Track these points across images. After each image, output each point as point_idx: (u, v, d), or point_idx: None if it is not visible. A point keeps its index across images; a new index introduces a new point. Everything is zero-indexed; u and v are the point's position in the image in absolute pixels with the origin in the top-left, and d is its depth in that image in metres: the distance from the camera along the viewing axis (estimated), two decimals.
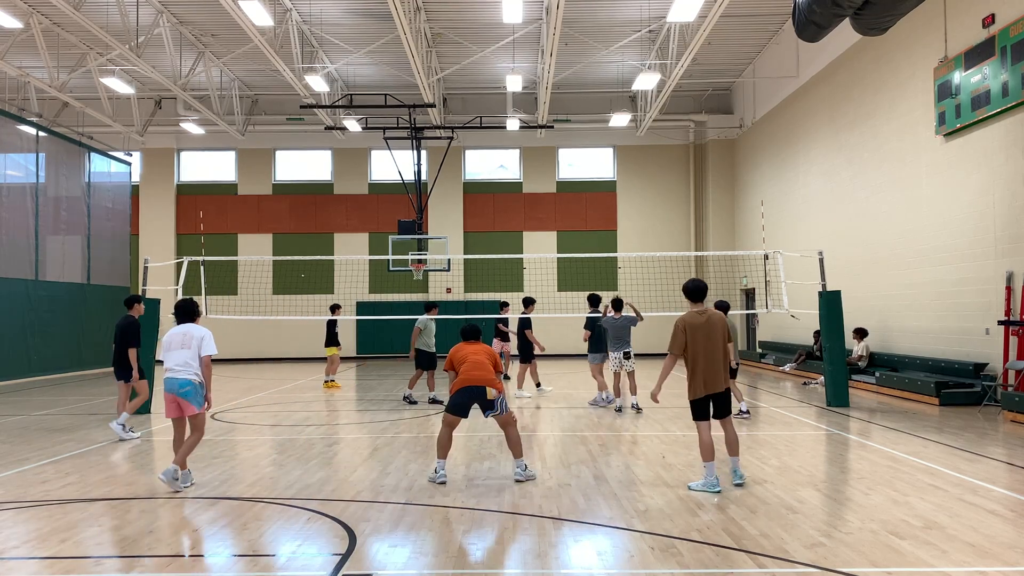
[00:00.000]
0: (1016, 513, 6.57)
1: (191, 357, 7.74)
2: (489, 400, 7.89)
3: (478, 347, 8.28)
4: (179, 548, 5.95)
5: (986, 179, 13.90)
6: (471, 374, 7.94)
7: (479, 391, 7.88)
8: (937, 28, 15.25)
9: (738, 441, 7.80)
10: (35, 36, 20.38)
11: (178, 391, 7.71)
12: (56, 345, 22.23)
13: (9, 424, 12.70)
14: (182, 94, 23.46)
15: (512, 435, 8.04)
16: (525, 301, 16.60)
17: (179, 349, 7.76)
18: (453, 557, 5.55)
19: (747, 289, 26.63)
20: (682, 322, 7.56)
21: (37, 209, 21.97)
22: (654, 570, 5.21)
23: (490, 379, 7.94)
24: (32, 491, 7.70)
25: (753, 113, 26.64)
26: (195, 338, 7.80)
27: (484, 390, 7.87)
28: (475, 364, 8.01)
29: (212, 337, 7.91)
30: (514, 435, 8.04)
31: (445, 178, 28.32)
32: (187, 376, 7.70)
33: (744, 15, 21.31)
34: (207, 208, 30.09)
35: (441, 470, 7.96)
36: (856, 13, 10.19)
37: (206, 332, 7.89)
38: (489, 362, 8.09)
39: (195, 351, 7.76)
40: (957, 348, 14.70)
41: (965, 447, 9.63)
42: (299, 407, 14.66)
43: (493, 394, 7.89)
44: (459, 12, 21.19)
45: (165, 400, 7.87)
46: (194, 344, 7.77)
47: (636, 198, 30.23)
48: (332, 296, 27.31)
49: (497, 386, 7.97)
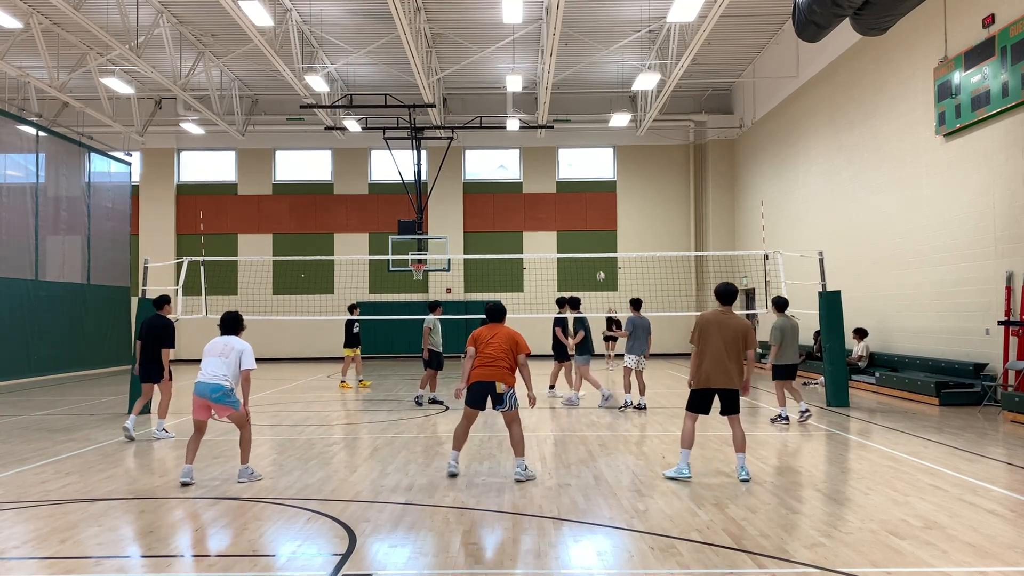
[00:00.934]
0: (1016, 513, 6.57)
1: (226, 367, 7.93)
2: (498, 394, 7.97)
3: (498, 332, 8.21)
4: (179, 548, 5.95)
5: (986, 179, 13.90)
6: (482, 369, 8.02)
7: (489, 385, 7.97)
8: (937, 28, 15.25)
9: (745, 439, 8.01)
10: (35, 36, 20.38)
11: (210, 396, 7.86)
12: (56, 345, 22.22)
13: (9, 424, 12.70)
14: (182, 94, 23.46)
15: (515, 433, 8.05)
16: (559, 301, 15.71)
17: (217, 357, 7.98)
18: (453, 557, 5.55)
19: (747, 289, 26.62)
20: (702, 317, 8.06)
21: (37, 209, 21.97)
22: (654, 570, 5.21)
23: (501, 374, 7.98)
24: (32, 491, 7.70)
25: (753, 113, 26.64)
26: (235, 350, 8.00)
27: (494, 384, 7.95)
28: (488, 357, 8.04)
29: (252, 352, 8.07)
30: (517, 433, 8.05)
31: (445, 178, 28.33)
32: (219, 382, 7.87)
33: (744, 15, 21.31)
34: (207, 208, 30.10)
35: (454, 462, 8.14)
36: (856, 13, 10.19)
37: (246, 346, 8.08)
38: (505, 351, 8.04)
39: (233, 362, 7.95)
40: (957, 348, 14.70)
41: (965, 447, 9.63)
42: (299, 407, 14.65)
43: (502, 388, 7.97)
44: (459, 12, 21.19)
45: (194, 403, 7.98)
46: (233, 356, 7.97)
47: (636, 198, 30.23)
48: (332, 296, 27.33)
49: (508, 380, 8.01)
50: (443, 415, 13.21)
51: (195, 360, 30.32)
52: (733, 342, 7.81)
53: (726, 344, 7.79)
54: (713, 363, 7.76)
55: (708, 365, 7.79)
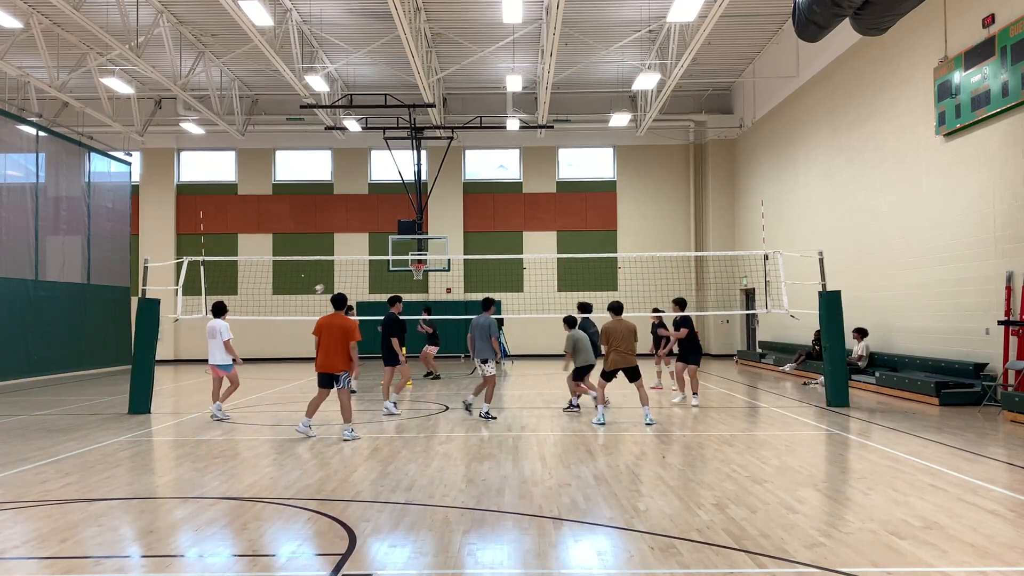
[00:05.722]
0: (1016, 513, 6.57)
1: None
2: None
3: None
4: (179, 548, 5.94)
5: (986, 179, 13.90)
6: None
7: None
8: (937, 28, 15.25)
9: (648, 397, 12.04)
10: (35, 36, 20.38)
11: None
12: (56, 345, 22.22)
13: (9, 424, 12.70)
14: (182, 94, 23.46)
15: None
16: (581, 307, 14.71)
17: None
18: (453, 557, 5.55)
19: (747, 289, 26.62)
20: (607, 325, 12.08)
21: (37, 209, 21.96)
22: (654, 570, 5.21)
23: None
24: (32, 491, 7.70)
25: (753, 113, 26.64)
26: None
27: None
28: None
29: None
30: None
31: (445, 178, 28.34)
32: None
33: (744, 15, 21.31)
34: (207, 208, 30.10)
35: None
36: (856, 13, 10.18)
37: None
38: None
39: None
40: (957, 348, 14.70)
41: (965, 447, 9.63)
42: (299, 407, 14.64)
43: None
44: (459, 12, 21.19)
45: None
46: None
47: (636, 198, 30.23)
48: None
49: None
50: (443, 415, 13.22)
51: (195, 360, 30.19)
52: (628, 338, 11.87)
53: (623, 340, 11.84)
54: (617, 353, 11.80)
55: (614, 355, 11.80)
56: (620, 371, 11.95)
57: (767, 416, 12.93)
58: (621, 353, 11.86)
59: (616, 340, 11.89)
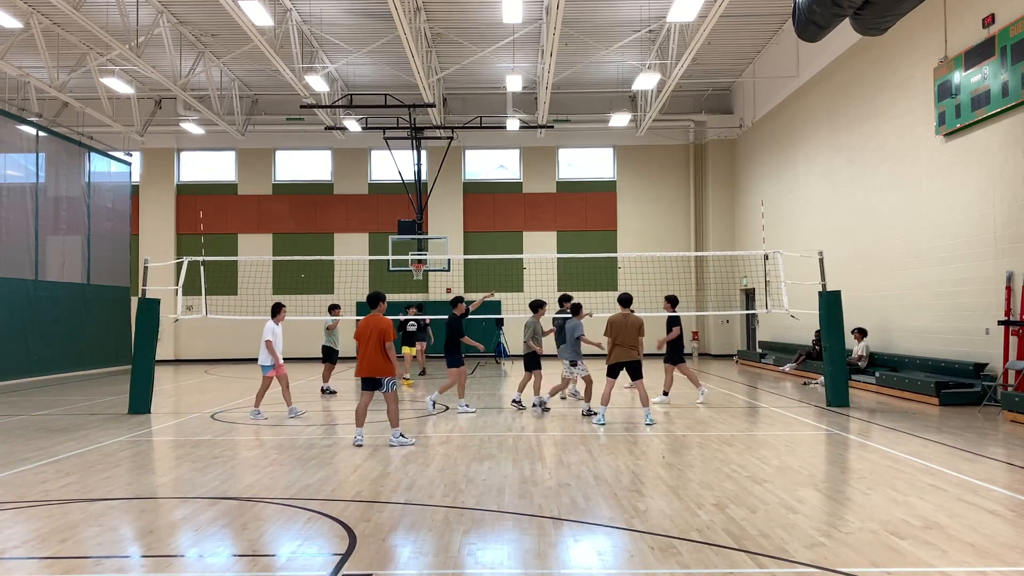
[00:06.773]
0: (1016, 513, 6.57)
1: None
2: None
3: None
4: (179, 548, 5.94)
5: (986, 179, 13.90)
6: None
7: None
8: (937, 28, 15.25)
9: (648, 398, 11.94)
10: (35, 36, 20.38)
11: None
12: (56, 345, 22.22)
13: (9, 424, 12.70)
14: (182, 94, 23.46)
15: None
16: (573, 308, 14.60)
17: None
18: (453, 557, 5.55)
19: (747, 289, 26.62)
20: (611, 318, 11.84)
21: (37, 209, 21.97)
22: (654, 570, 5.21)
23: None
24: (32, 491, 7.70)
25: (753, 113, 26.64)
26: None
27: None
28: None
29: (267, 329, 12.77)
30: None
31: (445, 178, 28.33)
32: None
33: (744, 15, 21.31)
34: (207, 208, 30.10)
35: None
36: (856, 13, 10.18)
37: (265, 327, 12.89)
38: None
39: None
40: (957, 348, 14.70)
41: (965, 447, 9.63)
42: (299, 407, 14.64)
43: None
44: (459, 12, 21.19)
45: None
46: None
47: (636, 198, 30.24)
48: (332, 296, 27.25)
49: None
50: (443, 415, 13.22)
51: (196, 361, 30.11)
52: (631, 332, 11.66)
53: (627, 334, 11.63)
54: (620, 347, 11.64)
55: (617, 349, 11.65)
56: (623, 367, 11.77)
57: (767, 416, 12.93)
58: (623, 347, 11.68)
59: (619, 334, 11.69)
